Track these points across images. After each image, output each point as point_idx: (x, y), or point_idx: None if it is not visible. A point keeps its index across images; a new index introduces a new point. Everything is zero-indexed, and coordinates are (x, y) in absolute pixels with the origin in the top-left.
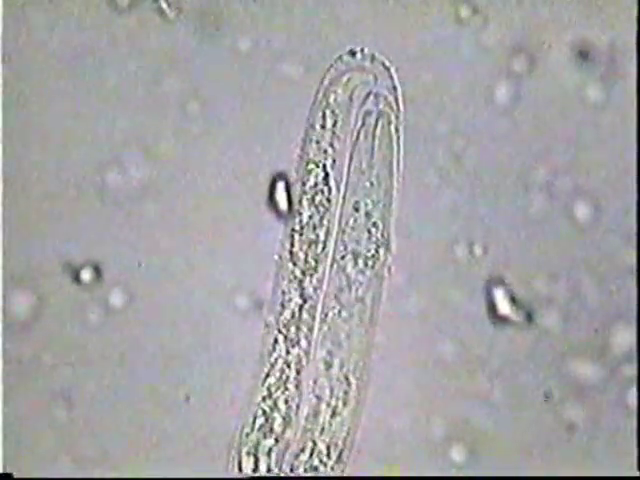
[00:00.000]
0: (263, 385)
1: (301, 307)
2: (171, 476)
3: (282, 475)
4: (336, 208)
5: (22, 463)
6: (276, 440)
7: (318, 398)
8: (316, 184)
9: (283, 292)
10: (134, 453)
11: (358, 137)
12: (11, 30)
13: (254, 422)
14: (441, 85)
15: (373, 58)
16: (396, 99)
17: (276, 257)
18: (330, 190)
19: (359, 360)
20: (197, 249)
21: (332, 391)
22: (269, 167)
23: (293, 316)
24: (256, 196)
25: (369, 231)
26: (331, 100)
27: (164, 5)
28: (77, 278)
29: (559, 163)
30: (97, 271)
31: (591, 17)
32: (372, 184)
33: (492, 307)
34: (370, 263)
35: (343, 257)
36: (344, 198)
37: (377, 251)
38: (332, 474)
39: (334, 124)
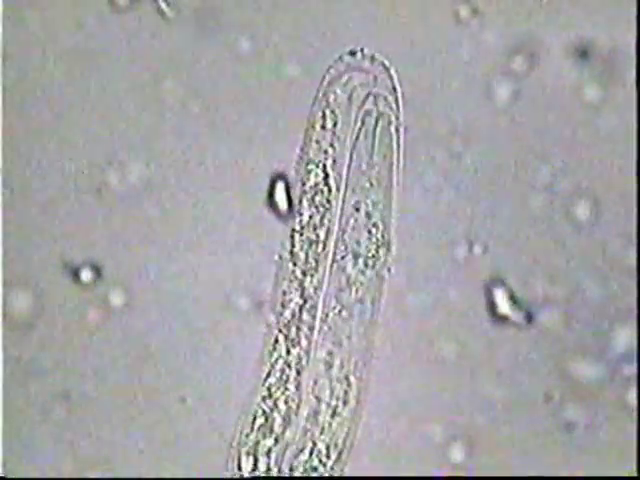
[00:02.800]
0: (263, 385)
1: (301, 307)
2: (171, 476)
3: (282, 475)
4: (336, 208)
5: (22, 463)
6: (276, 440)
7: (318, 398)
8: (316, 184)
9: (283, 292)
10: (134, 453)
11: (358, 137)
12: (11, 30)
13: (254, 422)
14: (441, 85)
15: (373, 58)
16: (396, 99)
17: (276, 257)
18: (330, 190)
19: (359, 360)
20: (197, 249)
21: (332, 391)
22: (269, 167)
23: (293, 316)
24: (256, 196)
25: (369, 231)
26: (331, 100)
27: (163, 5)
28: (77, 278)
29: (559, 163)
30: (97, 271)
31: (591, 17)
32: (372, 184)
33: (492, 307)
34: (370, 263)
35: (343, 257)
36: (344, 198)
37: (377, 251)
38: (332, 474)
39: (334, 124)
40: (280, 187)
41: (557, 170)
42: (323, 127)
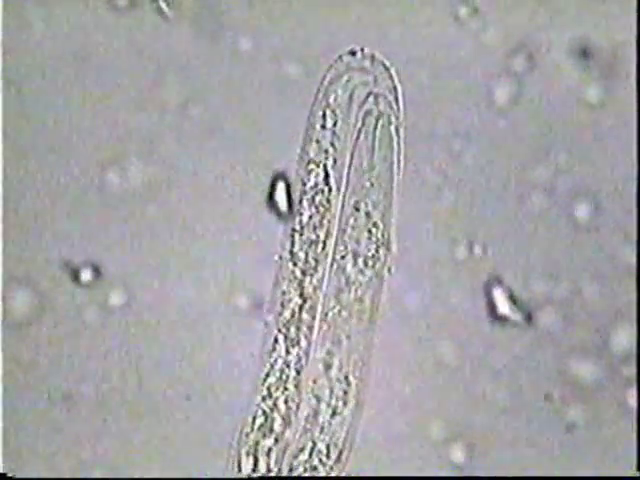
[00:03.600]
0: (263, 385)
1: (301, 307)
2: (171, 476)
3: (282, 475)
4: (336, 208)
5: (22, 463)
6: (276, 440)
7: (318, 398)
8: (316, 184)
9: (283, 292)
10: (134, 453)
11: (358, 137)
12: (11, 30)
13: (254, 422)
14: (440, 85)
15: (373, 58)
16: (396, 99)
17: (276, 257)
18: (330, 190)
19: (359, 360)
20: (197, 249)
21: (332, 391)
22: (269, 167)
23: (293, 316)
24: (256, 196)
25: (369, 231)
26: (331, 100)
27: (163, 5)
28: (77, 278)
29: (559, 163)
30: (97, 271)
31: (591, 17)
32: (372, 184)
33: (492, 307)
34: (370, 263)
35: (343, 257)
36: (344, 198)
37: (377, 251)
38: (332, 474)
39: (334, 124)
40: (280, 187)
41: (557, 170)
42: (323, 127)
